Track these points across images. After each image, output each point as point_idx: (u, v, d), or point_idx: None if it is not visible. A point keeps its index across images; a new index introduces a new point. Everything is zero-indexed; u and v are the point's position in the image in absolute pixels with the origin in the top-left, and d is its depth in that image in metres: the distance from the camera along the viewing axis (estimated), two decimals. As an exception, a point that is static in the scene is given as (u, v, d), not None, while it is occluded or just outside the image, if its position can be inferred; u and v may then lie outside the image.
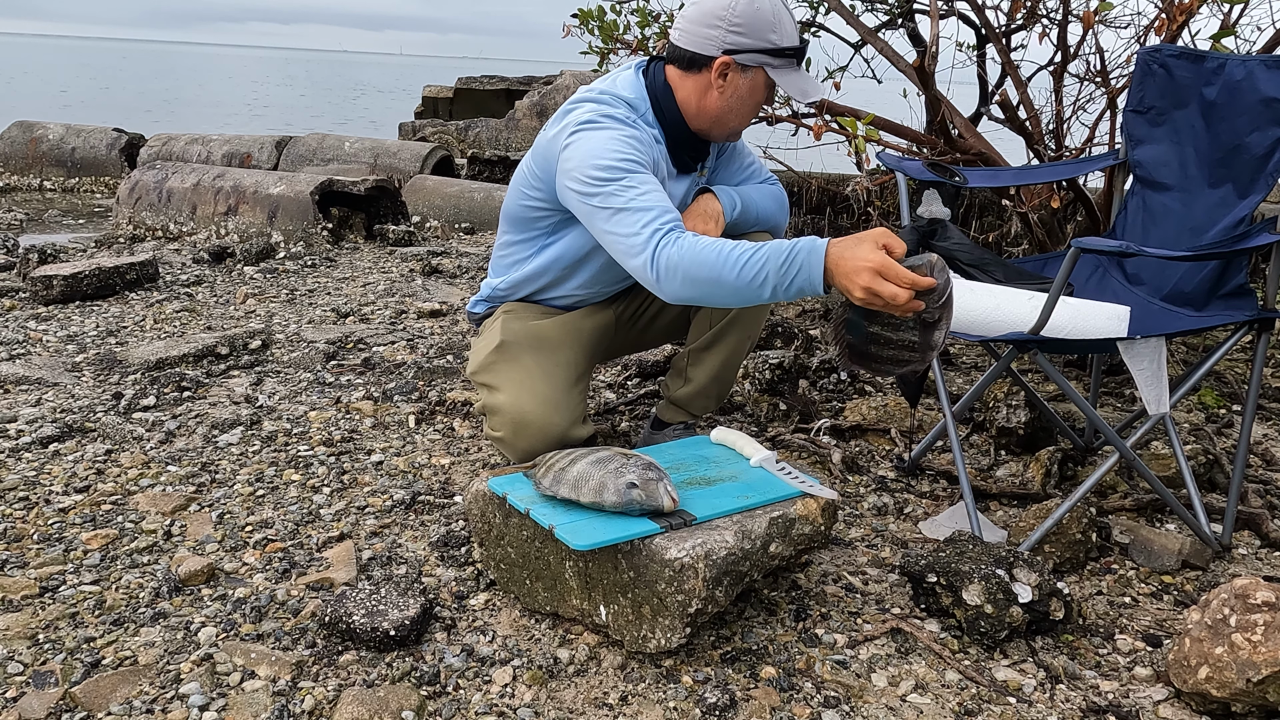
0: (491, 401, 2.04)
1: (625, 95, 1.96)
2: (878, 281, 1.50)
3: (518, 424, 1.98)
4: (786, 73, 1.94)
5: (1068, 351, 2.79)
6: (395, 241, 5.00)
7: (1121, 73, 3.08)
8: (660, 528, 1.56)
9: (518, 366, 2.05)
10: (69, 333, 3.32)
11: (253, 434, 2.47)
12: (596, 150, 1.82)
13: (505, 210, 2.17)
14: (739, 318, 2.17)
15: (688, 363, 2.26)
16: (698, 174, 2.14)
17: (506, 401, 2.00)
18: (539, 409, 1.98)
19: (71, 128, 7.42)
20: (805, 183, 5.27)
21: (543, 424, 1.97)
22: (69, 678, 1.53)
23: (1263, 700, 1.46)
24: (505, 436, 2.01)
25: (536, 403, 1.98)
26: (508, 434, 2.00)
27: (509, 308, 2.19)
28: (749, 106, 1.98)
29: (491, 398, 2.04)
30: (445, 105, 12.62)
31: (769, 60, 1.92)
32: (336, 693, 1.51)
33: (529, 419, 1.98)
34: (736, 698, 1.52)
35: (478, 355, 2.14)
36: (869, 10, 4.47)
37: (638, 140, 1.87)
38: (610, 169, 1.80)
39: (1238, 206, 2.18)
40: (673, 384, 2.30)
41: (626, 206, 1.77)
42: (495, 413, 2.02)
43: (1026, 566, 1.70)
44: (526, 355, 2.06)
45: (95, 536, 1.95)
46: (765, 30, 1.90)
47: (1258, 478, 2.36)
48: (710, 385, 2.25)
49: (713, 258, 1.66)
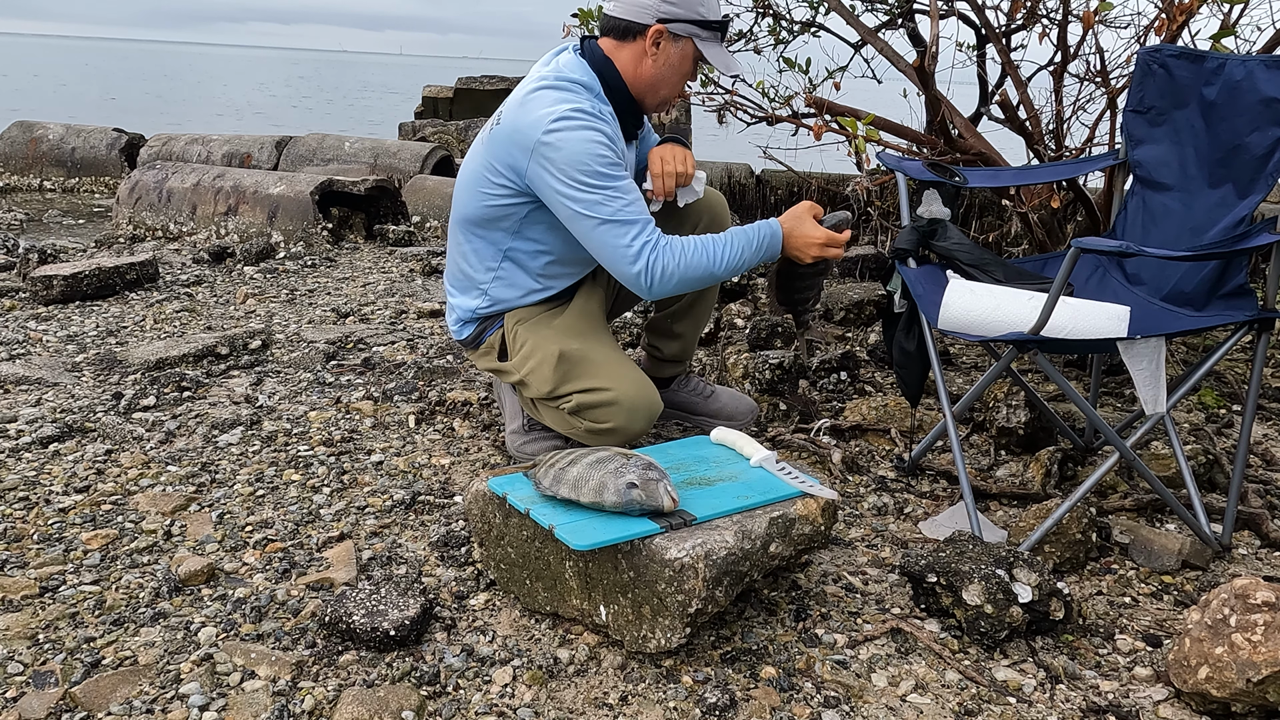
0: (593, 400, 2.08)
1: (576, 78, 2.05)
2: (825, 250, 2.11)
3: (632, 411, 2.06)
4: (712, 45, 2.09)
5: (1068, 351, 2.79)
6: (395, 241, 5.00)
7: (1121, 73, 3.08)
8: (660, 528, 1.56)
9: (595, 364, 2.10)
10: (69, 333, 3.32)
11: (253, 434, 2.47)
12: (579, 153, 1.94)
13: (464, 218, 2.17)
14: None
15: (672, 322, 2.43)
16: (636, 142, 2.26)
17: (614, 394, 2.06)
18: (643, 390, 2.08)
19: (71, 128, 7.42)
20: (805, 183, 5.27)
21: (649, 402, 2.08)
22: (69, 678, 1.53)
23: (1263, 700, 1.46)
24: (619, 426, 2.07)
25: (637, 386, 2.08)
26: (622, 422, 2.07)
27: (519, 316, 2.20)
28: (679, 75, 2.11)
29: (593, 397, 2.08)
30: (445, 105, 12.62)
31: (697, 31, 2.07)
32: (336, 693, 1.51)
33: (639, 403, 2.06)
34: (736, 698, 1.52)
35: (540, 376, 2.13)
36: (869, 10, 4.46)
37: (609, 136, 1.99)
38: (597, 174, 1.95)
39: (1238, 206, 2.18)
40: (666, 347, 2.45)
41: (614, 218, 1.96)
42: (604, 407, 2.07)
43: (1026, 566, 1.70)
44: (593, 351, 2.13)
45: (95, 536, 1.95)
46: (695, 3, 2.05)
47: (1258, 478, 2.36)
48: (692, 333, 2.47)
49: (702, 259, 2.01)
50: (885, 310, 2.37)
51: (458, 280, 2.26)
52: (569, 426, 2.16)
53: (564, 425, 2.17)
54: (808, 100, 3.46)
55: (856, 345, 3.33)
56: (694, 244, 2.00)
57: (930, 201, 2.31)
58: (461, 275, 2.24)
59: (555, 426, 2.21)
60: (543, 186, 2.00)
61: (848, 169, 5.20)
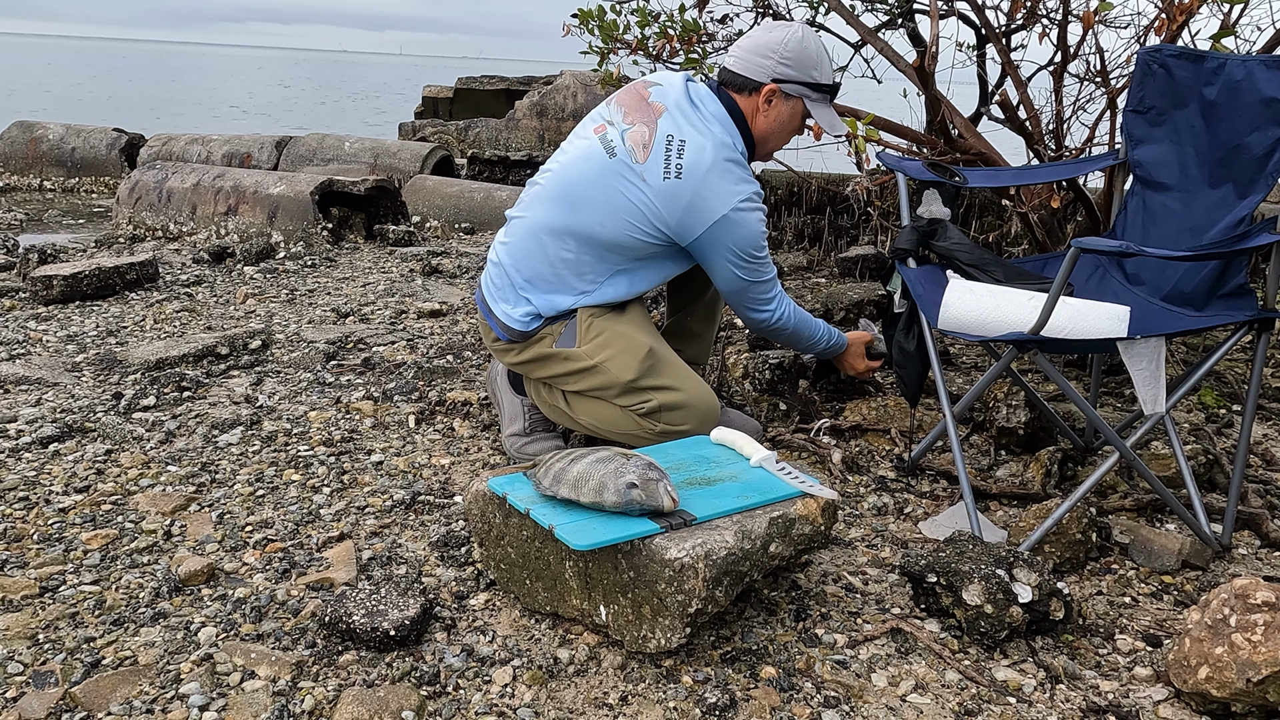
0: (670, 399, 2.16)
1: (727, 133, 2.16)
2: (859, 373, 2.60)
3: (706, 415, 2.18)
4: (821, 106, 2.23)
5: (1068, 351, 2.79)
6: (395, 241, 5.00)
7: (1121, 73, 3.09)
8: (660, 528, 1.56)
9: (673, 366, 2.20)
10: (69, 333, 3.32)
11: (253, 434, 2.47)
12: (755, 235, 2.17)
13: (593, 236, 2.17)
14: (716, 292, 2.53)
15: (691, 320, 2.57)
16: None
17: (690, 397, 2.17)
18: (709, 396, 2.20)
19: (71, 128, 7.42)
20: (805, 183, 5.27)
21: (714, 407, 2.20)
22: (69, 678, 1.53)
23: (1263, 700, 1.46)
24: (693, 428, 2.16)
25: (705, 391, 2.20)
26: (695, 425, 2.16)
27: (595, 312, 2.22)
28: (787, 131, 2.26)
29: (670, 396, 2.17)
30: (445, 105, 12.62)
31: (808, 93, 2.21)
32: (336, 693, 1.51)
33: (710, 407, 2.19)
34: (736, 698, 1.52)
35: (623, 364, 2.16)
36: (869, 10, 4.46)
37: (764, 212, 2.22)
38: (761, 249, 2.20)
39: (1238, 206, 2.18)
40: (686, 349, 2.53)
41: (765, 278, 2.25)
42: (679, 408, 2.17)
43: (1026, 566, 1.70)
44: (669, 354, 2.23)
45: (95, 536, 1.95)
46: (809, 67, 2.19)
47: (1258, 478, 2.36)
48: (709, 333, 2.63)
49: (806, 330, 2.40)
50: (885, 310, 2.37)
51: (547, 281, 2.22)
52: (634, 425, 2.18)
53: (626, 423, 2.19)
54: (808, 100, 3.45)
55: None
56: (804, 314, 2.39)
57: (930, 201, 2.31)
58: (555, 278, 2.21)
59: (604, 424, 2.22)
60: (710, 250, 2.17)
61: (848, 169, 5.20)
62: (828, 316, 3.61)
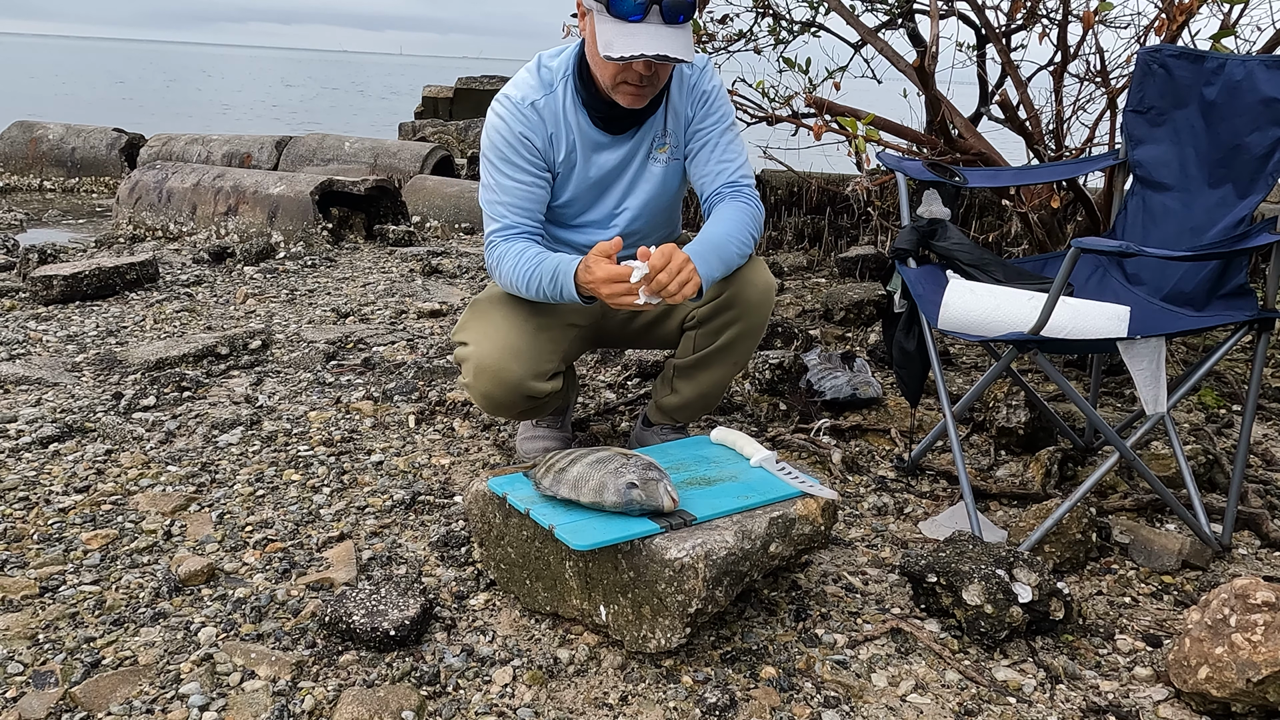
0: (461, 354, 2.10)
1: (555, 56, 2.05)
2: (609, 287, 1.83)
3: (479, 370, 2.04)
4: (604, 20, 1.83)
5: (1068, 351, 2.79)
6: (395, 241, 5.00)
7: (1121, 73, 3.09)
8: (660, 528, 1.56)
9: (486, 320, 2.09)
10: (69, 333, 3.32)
11: (253, 434, 2.47)
12: (488, 130, 2.01)
13: None
14: (730, 346, 2.13)
15: (674, 375, 2.24)
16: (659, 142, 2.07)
17: (471, 351, 2.06)
18: (498, 355, 2.03)
19: (71, 128, 7.42)
20: (805, 183, 5.27)
21: (498, 368, 2.02)
22: (69, 678, 1.53)
23: (1263, 700, 1.46)
24: (469, 383, 2.08)
25: (496, 349, 2.03)
26: (471, 379, 2.07)
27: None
28: (599, 56, 1.88)
29: (461, 351, 2.10)
30: (445, 105, 12.63)
31: (593, 4, 1.85)
32: (336, 693, 1.51)
33: (486, 363, 2.03)
34: (736, 698, 1.52)
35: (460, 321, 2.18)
36: (869, 10, 4.46)
37: (515, 132, 1.98)
38: (487, 161, 2.02)
39: (1238, 206, 2.18)
40: (660, 391, 2.30)
41: (484, 207, 2.06)
42: (463, 361, 2.09)
43: (1026, 566, 1.70)
44: (495, 310, 2.10)
45: (95, 536, 1.95)
46: None
47: (1258, 478, 2.36)
48: (695, 401, 2.25)
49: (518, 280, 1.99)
50: (885, 310, 2.37)
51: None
52: None
53: None
54: (808, 100, 3.46)
55: (856, 345, 3.33)
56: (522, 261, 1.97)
57: (930, 201, 2.31)
58: None
59: None
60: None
61: (848, 169, 5.20)
62: (828, 317, 3.61)
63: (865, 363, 2.81)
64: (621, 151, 2.06)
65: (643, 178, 2.10)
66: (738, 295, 2.07)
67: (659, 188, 2.11)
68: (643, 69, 1.85)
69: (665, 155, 2.10)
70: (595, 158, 2.05)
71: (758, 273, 2.09)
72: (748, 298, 2.08)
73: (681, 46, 1.81)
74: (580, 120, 2.01)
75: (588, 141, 2.03)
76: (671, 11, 1.80)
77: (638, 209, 2.12)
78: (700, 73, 2.07)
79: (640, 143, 2.07)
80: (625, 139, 2.05)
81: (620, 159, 2.06)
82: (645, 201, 2.12)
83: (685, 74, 2.06)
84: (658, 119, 2.06)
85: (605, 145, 2.04)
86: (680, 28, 1.82)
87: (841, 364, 2.78)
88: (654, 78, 1.89)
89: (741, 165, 2.09)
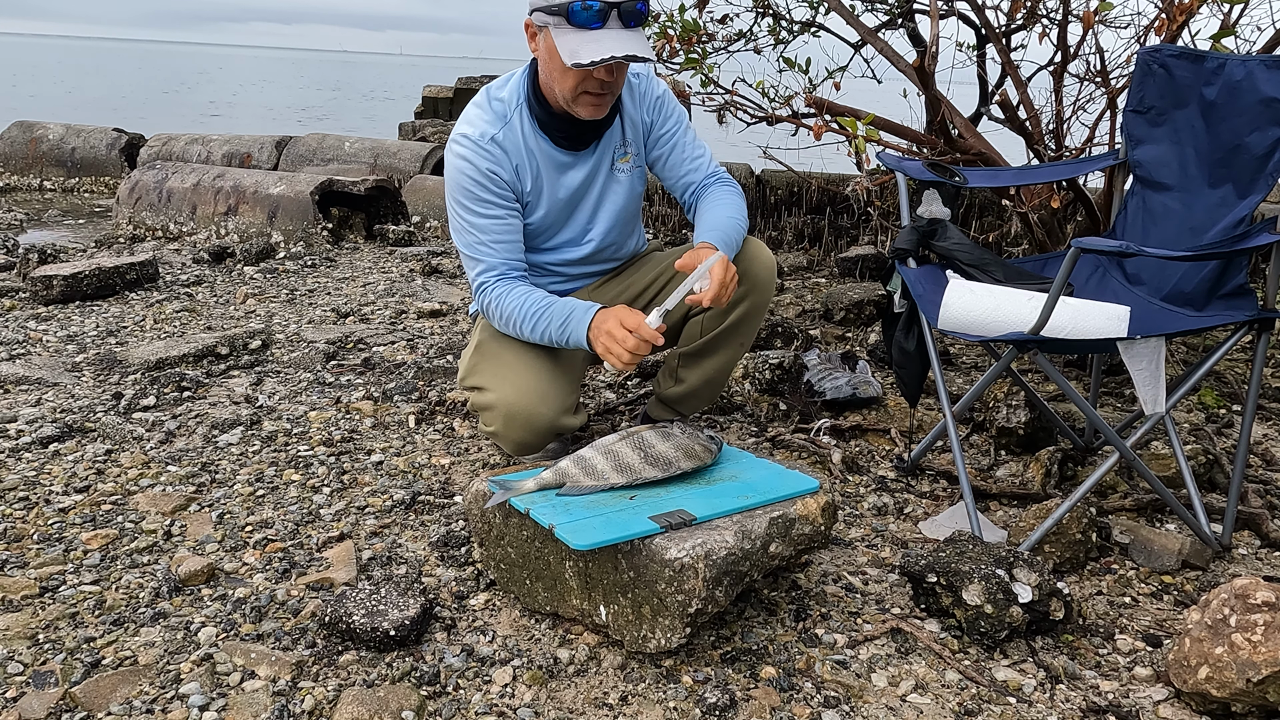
0: (480, 401, 2.08)
1: (504, 84, 2.02)
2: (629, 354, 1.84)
3: (508, 418, 2.03)
4: (563, 32, 1.84)
5: (1068, 351, 2.79)
6: (395, 241, 5.00)
7: (1121, 73, 3.08)
8: (660, 527, 1.56)
9: (500, 363, 2.07)
10: (69, 333, 3.32)
11: (253, 434, 2.47)
12: (452, 176, 1.98)
13: None
14: (738, 325, 2.16)
15: (679, 364, 2.26)
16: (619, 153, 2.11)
17: (494, 398, 2.04)
18: (526, 401, 2.01)
19: (71, 128, 7.42)
20: (805, 183, 5.27)
21: (528, 414, 2.01)
22: (69, 678, 1.53)
23: (1263, 700, 1.46)
24: (499, 430, 2.06)
25: (521, 395, 2.01)
26: (500, 428, 2.05)
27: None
28: (557, 70, 1.88)
29: (480, 398, 2.08)
30: (445, 105, 12.62)
31: (548, 19, 1.86)
32: (336, 693, 1.51)
33: (516, 411, 2.01)
34: (736, 698, 1.52)
35: (463, 362, 2.17)
36: (869, 10, 4.46)
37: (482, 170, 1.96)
38: (458, 204, 1.99)
39: (1238, 206, 2.18)
40: (664, 383, 2.31)
41: (465, 250, 2.03)
42: (486, 409, 2.07)
43: (1026, 566, 1.70)
44: (507, 353, 2.08)
45: (95, 536, 1.95)
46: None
47: (1258, 478, 2.36)
48: (702, 389, 2.27)
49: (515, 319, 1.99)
50: (885, 310, 2.37)
51: None
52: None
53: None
54: (808, 100, 3.46)
55: (856, 345, 3.33)
56: (519, 302, 1.98)
57: (930, 201, 2.31)
58: None
59: None
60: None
61: (848, 169, 5.20)
62: (828, 317, 3.61)
63: (865, 363, 2.81)
64: (586, 168, 2.09)
65: (610, 190, 2.14)
66: (746, 272, 2.11)
67: (626, 197, 2.16)
68: (604, 75, 1.87)
69: (628, 165, 2.15)
70: (561, 178, 2.07)
71: (760, 250, 2.15)
72: (756, 274, 2.12)
73: (643, 47, 1.86)
74: (541, 144, 2.03)
75: (551, 163, 2.05)
76: (629, 16, 1.84)
77: (609, 221, 2.16)
78: (646, 80, 2.13)
79: (603, 156, 2.11)
80: (588, 154, 2.08)
81: (586, 175, 2.09)
82: (615, 212, 2.16)
83: (633, 83, 2.10)
84: (615, 130, 2.10)
85: (569, 164, 2.07)
86: (636, 31, 1.87)
87: (841, 364, 2.78)
88: (614, 84, 1.92)
89: (710, 158, 2.20)
